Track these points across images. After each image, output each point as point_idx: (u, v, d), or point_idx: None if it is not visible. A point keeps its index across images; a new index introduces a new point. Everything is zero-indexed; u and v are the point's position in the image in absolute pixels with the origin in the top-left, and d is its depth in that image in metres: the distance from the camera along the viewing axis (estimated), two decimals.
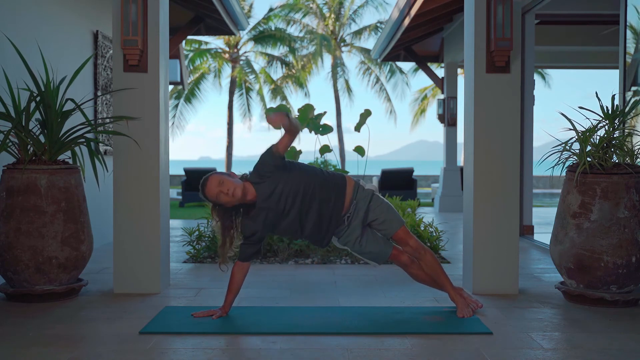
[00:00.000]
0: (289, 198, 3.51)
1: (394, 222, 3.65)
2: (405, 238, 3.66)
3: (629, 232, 3.85)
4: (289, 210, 3.52)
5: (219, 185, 3.46)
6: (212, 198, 3.50)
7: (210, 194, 3.49)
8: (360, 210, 3.61)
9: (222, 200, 3.48)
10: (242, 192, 3.46)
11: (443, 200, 11.33)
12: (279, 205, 3.51)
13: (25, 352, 2.99)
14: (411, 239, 3.66)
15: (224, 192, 3.44)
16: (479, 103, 4.32)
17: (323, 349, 3.07)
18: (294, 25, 27.15)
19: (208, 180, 3.50)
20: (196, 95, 25.59)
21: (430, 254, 3.70)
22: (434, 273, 3.70)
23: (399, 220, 3.66)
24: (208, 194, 3.50)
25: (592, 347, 3.09)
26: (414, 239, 3.67)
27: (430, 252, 3.71)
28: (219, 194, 3.46)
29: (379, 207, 3.65)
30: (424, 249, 3.68)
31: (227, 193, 3.44)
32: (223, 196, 3.45)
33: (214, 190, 3.46)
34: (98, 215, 5.97)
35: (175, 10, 7.97)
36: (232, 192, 3.43)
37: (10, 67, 4.57)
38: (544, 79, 24.45)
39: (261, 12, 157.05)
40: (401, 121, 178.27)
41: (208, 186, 3.49)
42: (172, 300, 4.09)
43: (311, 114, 7.54)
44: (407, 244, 3.66)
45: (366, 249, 3.63)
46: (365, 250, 3.64)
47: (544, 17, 7.99)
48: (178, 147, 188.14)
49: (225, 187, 3.44)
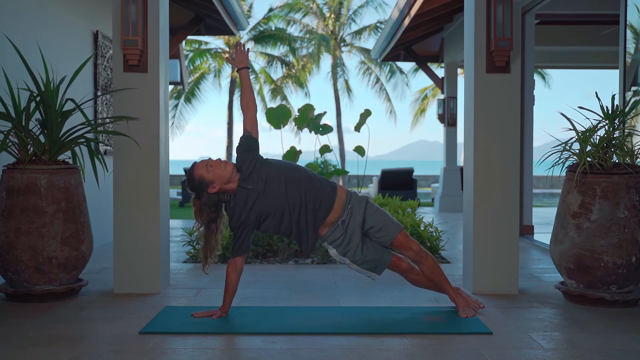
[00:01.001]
0: (269, 180, 3.48)
1: (392, 227, 3.60)
2: (406, 242, 3.61)
3: (629, 232, 3.85)
4: (269, 191, 3.46)
5: (207, 165, 3.48)
6: (201, 171, 3.47)
7: (200, 167, 3.47)
8: (357, 216, 3.55)
9: (211, 176, 3.45)
10: (231, 170, 3.48)
11: (443, 200, 11.33)
12: (258, 185, 3.47)
13: (25, 352, 2.99)
14: (412, 242, 3.62)
15: (218, 161, 3.47)
16: (479, 103, 4.32)
17: (323, 349, 3.07)
18: (294, 25, 27.16)
19: (195, 164, 3.53)
20: (196, 95, 25.60)
21: (432, 257, 3.68)
22: (436, 276, 3.68)
23: (397, 225, 3.62)
24: (195, 173, 3.48)
25: (592, 347, 3.09)
26: (416, 243, 3.63)
27: (431, 255, 3.70)
28: (211, 163, 3.46)
29: (375, 213, 3.61)
30: (425, 252, 3.66)
31: (218, 165, 3.46)
32: (212, 170, 3.45)
33: (202, 168, 3.47)
34: (98, 215, 5.97)
35: (175, 10, 7.97)
36: (223, 165, 3.46)
37: (10, 67, 4.57)
38: (544, 79, 24.44)
39: (261, 12, 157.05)
40: (401, 121, 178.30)
41: (196, 167, 3.50)
42: (172, 300, 4.09)
43: (311, 114, 7.54)
44: (409, 249, 3.61)
45: (367, 257, 3.53)
46: (366, 259, 3.53)
47: (544, 17, 7.99)
48: (178, 147, 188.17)
49: (215, 162, 3.48)
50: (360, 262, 3.55)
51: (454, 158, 11.49)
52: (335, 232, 3.54)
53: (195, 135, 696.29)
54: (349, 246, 3.52)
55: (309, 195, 3.49)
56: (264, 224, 3.53)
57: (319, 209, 3.51)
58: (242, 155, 3.60)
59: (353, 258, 3.53)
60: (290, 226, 3.51)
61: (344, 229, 3.54)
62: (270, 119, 7.46)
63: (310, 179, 3.55)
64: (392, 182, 14.31)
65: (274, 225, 3.52)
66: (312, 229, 3.51)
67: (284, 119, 7.39)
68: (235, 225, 3.52)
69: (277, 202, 3.48)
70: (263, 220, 3.51)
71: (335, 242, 3.54)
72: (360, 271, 3.60)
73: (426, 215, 9.47)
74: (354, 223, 3.55)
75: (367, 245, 3.56)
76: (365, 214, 3.57)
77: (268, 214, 3.49)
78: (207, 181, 3.48)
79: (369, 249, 3.56)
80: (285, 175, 3.53)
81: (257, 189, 3.49)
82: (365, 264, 3.56)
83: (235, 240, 3.54)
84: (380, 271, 3.62)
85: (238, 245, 3.53)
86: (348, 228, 3.54)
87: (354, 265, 3.57)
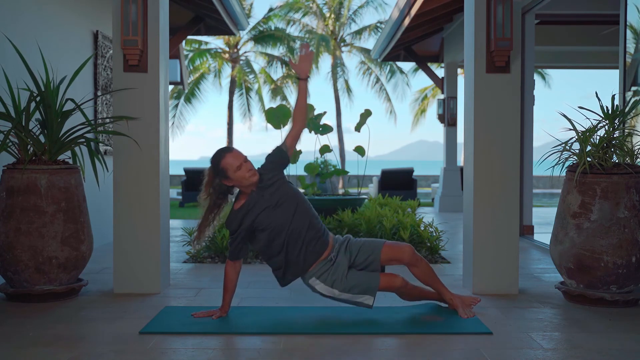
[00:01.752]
0: (283, 199, 3.50)
1: (374, 244, 3.60)
2: (395, 250, 3.58)
3: (629, 232, 3.85)
4: (278, 208, 3.48)
5: (245, 160, 3.48)
6: (228, 165, 3.45)
7: (230, 162, 3.46)
8: (343, 251, 3.57)
9: (239, 174, 3.45)
10: (255, 181, 3.51)
11: (443, 200, 11.33)
12: (272, 198, 3.49)
13: (25, 352, 2.99)
14: (402, 249, 3.58)
15: (248, 167, 3.47)
16: (479, 103, 4.32)
17: (323, 349, 3.07)
18: (293, 25, 27.16)
19: (232, 150, 3.51)
20: (196, 95, 25.59)
21: (425, 261, 3.67)
22: (430, 279, 3.67)
23: (379, 241, 3.63)
24: (227, 160, 3.46)
25: (592, 347, 3.09)
26: (407, 248, 3.60)
27: (425, 260, 3.68)
28: (241, 165, 3.45)
29: (356, 243, 3.62)
30: (419, 256, 3.63)
31: (250, 169, 3.47)
32: (244, 170, 3.45)
33: (239, 160, 3.46)
34: (98, 215, 5.97)
35: (175, 10, 7.97)
36: (250, 174, 3.47)
37: (10, 67, 4.57)
38: (544, 79, 24.45)
39: (261, 12, 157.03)
40: (401, 121, 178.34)
41: (233, 153, 3.50)
42: (172, 300, 4.10)
43: (311, 114, 7.54)
44: (401, 255, 3.58)
45: (354, 282, 3.50)
46: (354, 283, 3.49)
47: (544, 17, 7.99)
48: (178, 147, 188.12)
49: (250, 164, 3.49)
50: (348, 288, 3.50)
51: (454, 158, 11.49)
52: (323, 266, 3.54)
53: (195, 136, 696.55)
54: (335, 274, 3.51)
55: (310, 233, 3.52)
56: (259, 235, 3.53)
57: (312, 250, 3.51)
58: (269, 165, 3.60)
59: (341, 286, 3.50)
60: (281, 248, 3.50)
61: (331, 264, 3.55)
62: (270, 119, 7.47)
63: (317, 220, 3.60)
64: (392, 182, 14.31)
65: (266, 240, 3.51)
66: (301, 265, 3.52)
67: (284, 119, 7.40)
68: (234, 229, 3.54)
69: (280, 221, 3.49)
70: (260, 230, 3.52)
71: (323, 276, 3.53)
72: (353, 299, 3.53)
73: (426, 215, 9.47)
74: (342, 255, 3.57)
75: (352, 273, 3.54)
76: (350, 250, 3.59)
77: (267, 228, 3.49)
78: (227, 176, 3.49)
79: (354, 275, 3.53)
80: (299, 203, 3.55)
81: (270, 202, 3.50)
82: (354, 288, 3.50)
83: (232, 243, 3.57)
84: (372, 293, 3.52)
85: (235, 250, 3.56)
86: (337, 258, 3.56)
87: (344, 295, 3.52)
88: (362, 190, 17.58)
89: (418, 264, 3.62)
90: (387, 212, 6.33)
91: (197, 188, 3.74)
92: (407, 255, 3.59)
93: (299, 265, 3.53)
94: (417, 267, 3.63)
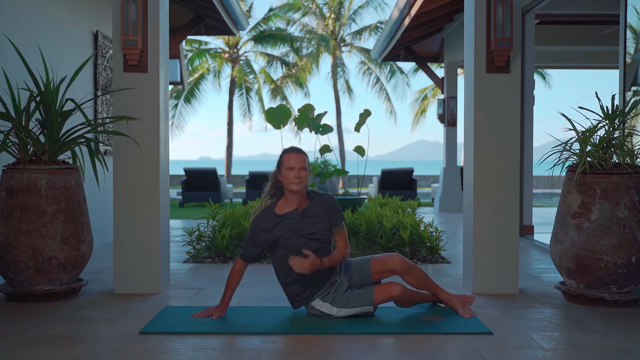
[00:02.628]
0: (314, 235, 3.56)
1: (364, 262, 3.67)
2: (384, 264, 3.61)
3: (629, 232, 3.85)
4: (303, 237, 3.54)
5: (303, 168, 3.53)
6: (285, 160, 3.55)
7: (289, 159, 3.54)
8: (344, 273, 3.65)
9: (286, 173, 3.52)
10: (305, 188, 3.57)
11: (443, 200, 11.33)
12: (307, 228, 3.56)
13: (25, 352, 2.99)
14: (391, 259, 3.61)
15: (298, 174, 3.51)
16: (479, 103, 4.32)
17: (323, 349, 3.08)
18: (293, 25, 27.16)
19: (300, 153, 3.59)
20: (196, 96, 25.58)
21: (418, 267, 3.68)
22: (425, 284, 3.70)
23: (367, 259, 3.68)
24: (289, 156, 3.56)
25: (592, 347, 3.09)
26: (396, 257, 3.62)
27: (417, 266, 3.69)
28: (294, 168, 3.51)
29: (355, 266, 3.67)
30: (411, 264, 3.65)
31: (298, 177, 3.51)
32: (293, 173, 3.51)
33: (297, 163, 3.52)
34: (98, 215, 5.97)
35: (175, 10, 7.97)
36: (301, 180, 3.52)
37: (10, 67, 4.57)
38: (544, 79, 24.46)
39: (261, 12, 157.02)
40: (401, 121, 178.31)
41: (299, 155, 3.57)
42: (172, 300, 4.10)
43: (311, 114, 7.54)
44: (392, 267, 3.60)
45: (351, 295, 3.55)
46: (351, 296, 3.54)
47: (544, 17, 8.00)
48: (178, 147, 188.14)
49: (302, 174, 3.53)
50: (345, 302, 3.55)
51: (454, 158, 11.49)
52: (327, 288, 3.60)
53: (195, 136, 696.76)
54: (336, 293, 3.57)
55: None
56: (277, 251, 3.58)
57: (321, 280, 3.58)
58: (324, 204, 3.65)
59: (340, 302, 3.55)
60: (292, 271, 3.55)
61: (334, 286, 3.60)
62: (270, 119, 7.47)
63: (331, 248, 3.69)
64: (392, 182, 14.31)
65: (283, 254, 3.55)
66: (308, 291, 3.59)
67: (283, 119, 7.40)
68: (252, 230, 3.59)
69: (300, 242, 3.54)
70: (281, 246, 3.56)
71: (325, 297, 3.58)
72: (353, 311, 3.57)
73: (426, 215, 9.47)
74: (343, 278, 3.63)
75: (350, 291, 3.60)
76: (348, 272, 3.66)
77: (287, 247, 3.54)
78: (280, 168, 3.58)
79: (352, 291, 3.58)
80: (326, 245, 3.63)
81: (305, 229, 3.55)
82: (351, 301, 3.55)
83: (245, 243, 3.62)
84: (369, 300, 3.55)
85: (247, 252, 3.61)
86: (337, 284, 3.61)
87: (344, 310, 3.56)
88: (362, 190, 17.58)
89: (411, 272, 3.64)
90: (387, 212, 6.33)
91: (197, 188, 3.74)
92: (396, 264, 3.61)
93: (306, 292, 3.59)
94: (410, 275, 3.65)
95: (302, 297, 3.61)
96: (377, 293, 3.55)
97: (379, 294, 3.55)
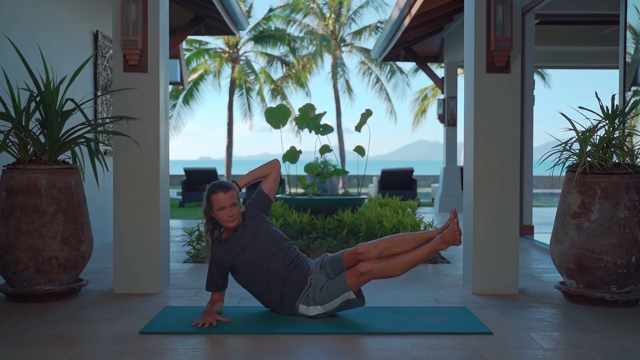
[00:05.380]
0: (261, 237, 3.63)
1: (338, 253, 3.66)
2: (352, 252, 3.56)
3: (629, 232, 3.85)
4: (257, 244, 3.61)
5: (232, 205, 3.57)
6: (215, 201, 3.58)
7: (218, 199, 3.57)
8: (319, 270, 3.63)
9: (219, 214, 3.59)
10: (240, 219, 3.65)
11: (443, 200, 11.33)
12: (251, 237, 3.63)
13: (25, 352, 2.99)
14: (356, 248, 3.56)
15: (230, 213, 3.57)
16: (479, 103, 4.32)
17: (323, 349, 3.07)
18: (294, 25, 27.14)
19: (226, 191, 3.58)
20: (195, 96, 25.57)
21: (388, 238, 3.59)
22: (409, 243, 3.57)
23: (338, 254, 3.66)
24: (217, 196, 3.58)
25: (592, 347, 3.09)
26: (359, 244, 3.58)
27: (386, 238, 3.61)
28: (225, 208, 3.57)
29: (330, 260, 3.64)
30: (376, 241, 3.59)
31: (230, 215, 3.58)
32: (225, 213, 3.57)
33: (226, 202, 3.57)
34: (98, 215, 5.97)
35: (175, 10, 7.97)
36: (234, 218, 3.59)
37: (10, 67, 4.57)
38: (544, 79, 24.44)
39: (261, 12, 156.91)
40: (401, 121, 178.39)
41: (227, 194, 3.58)
42: (172, 300, 4.10)
43: (311, 114, 7.54)
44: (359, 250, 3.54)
45: (327, 287, 3.52)
46: (327, 288, 3.52)
47: (544, 17, 7.99)
48: (178, 147, 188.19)
49: (234, 210, 3.59)
50: (326, 296, 3.52)
51: (454, 158, 11.49)
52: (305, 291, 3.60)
53: (195, 136, 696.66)
54: (315, 289, 3.56)
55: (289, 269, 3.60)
56: (237, 276, 3.66)
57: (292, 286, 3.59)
58: (253, 207, 3.77)
59: (321, 299, 3.53)
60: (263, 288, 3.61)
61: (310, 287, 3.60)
62: (270, 119, 7.47)
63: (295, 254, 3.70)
64: (392, 182, 14.31)
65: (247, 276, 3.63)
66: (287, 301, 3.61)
67: (283, 119, 7.39)
68: (212, 260, 3.64)
69: (257, 261, 3.58)
70: (237, 272, 3.64)
71: (305, 300, 3.58)
72: (337, 303, 3.53)
73: (426, 215, 9.47)
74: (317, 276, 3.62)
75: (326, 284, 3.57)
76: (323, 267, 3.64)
77: (243, 270, 3.61)
78: (212, 209, 3.61)
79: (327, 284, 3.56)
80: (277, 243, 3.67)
81: (250, 239, 3.62)
82: (330, 292, 3.51)
83: (208, 275, 3.67)
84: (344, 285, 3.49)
85: (211, 281, 3.65)
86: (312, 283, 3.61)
87: (329, 304, 3.53)
88: (362, 190, 17.58)
89: (380, 245, 3.55)
90: (387, 212, 6.33)
91: (197, 188, 3.76)
92: (362, 246, 3.55)
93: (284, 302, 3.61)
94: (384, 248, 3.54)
95: (286, 305, 3.61)
96: (348, 276, 3.51)
97: (350, 275, 3.50)
